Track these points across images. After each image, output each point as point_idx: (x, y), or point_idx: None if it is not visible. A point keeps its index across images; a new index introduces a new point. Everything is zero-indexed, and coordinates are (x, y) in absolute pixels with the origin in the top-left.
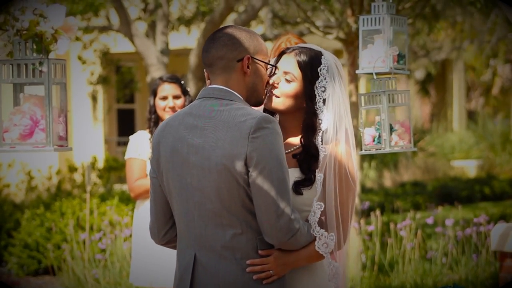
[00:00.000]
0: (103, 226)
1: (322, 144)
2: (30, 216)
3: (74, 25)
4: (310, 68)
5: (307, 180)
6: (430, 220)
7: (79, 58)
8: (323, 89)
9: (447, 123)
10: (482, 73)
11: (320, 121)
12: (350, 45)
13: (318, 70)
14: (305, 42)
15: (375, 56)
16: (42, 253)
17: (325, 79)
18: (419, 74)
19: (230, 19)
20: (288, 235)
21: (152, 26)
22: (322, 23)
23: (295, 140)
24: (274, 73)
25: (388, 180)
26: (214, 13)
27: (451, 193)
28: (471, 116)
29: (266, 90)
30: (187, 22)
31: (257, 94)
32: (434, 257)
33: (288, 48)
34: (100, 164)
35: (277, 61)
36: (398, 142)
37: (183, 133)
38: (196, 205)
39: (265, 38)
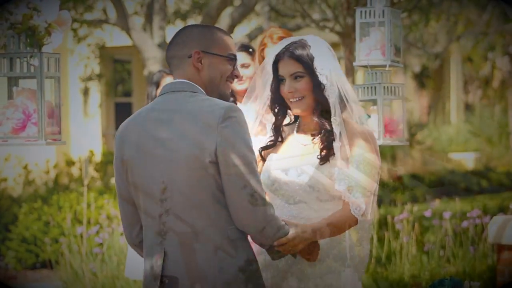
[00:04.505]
0: (101, 220)
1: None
2: (27, 210)
3: (68, 19)
4: (306, 55)
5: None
6: (427, 213)
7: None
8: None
9: (445, 116)
10: (480, 66)
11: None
12: (347, 38)
13: (310, 52)
14: (289, 33)
15: (372, 48)
16: (40, 247)
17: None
18: (416, 67)
19: (227, 13)
20: (263, 222)
21: (149, 20)
22: (319, 16)
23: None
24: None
25: (385, 173)
26: (210, 7)
27: (448, 185)
28: (469, 108)
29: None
30: (184, 16)
31: (215, 87)
32: (432, 250)
33: (278, 55)
34: (98, 157)
35: (276, 69)
36: None
37: (148, 128)
38: (164, 198)
39: (261, 31)
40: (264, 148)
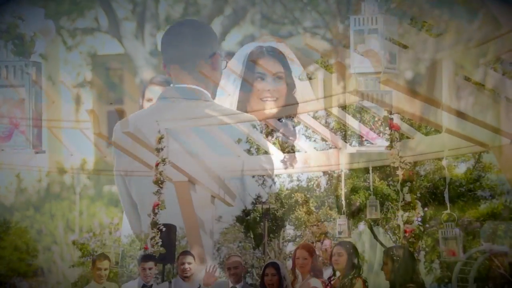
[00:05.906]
0: (93, 228)
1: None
2: (19, 219)
3: (52, 28)
4: (285, 58)
5: None
6: (418, 219)
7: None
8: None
9: (437, 122)
10: (472, 72)
11: None
12: (338, 44)
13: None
14: (281, 41)
15: (366, 55)
16: (32, 255)
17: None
18: (408, 74)
19: (218, 21)
20: None
21: (140, 27)
22: (310, 23)
23: None
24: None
25: (376, 180)
26: (202, 15)
27: (440, 192)
28: (461, 115)
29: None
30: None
31: (215, 89)
32: (424, 256)
33: (255, 53)
34: (90, 165)
35: (252, 66)
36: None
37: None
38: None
39: (253, 38)
40: None
